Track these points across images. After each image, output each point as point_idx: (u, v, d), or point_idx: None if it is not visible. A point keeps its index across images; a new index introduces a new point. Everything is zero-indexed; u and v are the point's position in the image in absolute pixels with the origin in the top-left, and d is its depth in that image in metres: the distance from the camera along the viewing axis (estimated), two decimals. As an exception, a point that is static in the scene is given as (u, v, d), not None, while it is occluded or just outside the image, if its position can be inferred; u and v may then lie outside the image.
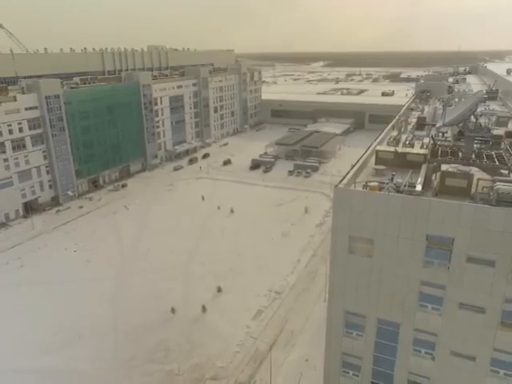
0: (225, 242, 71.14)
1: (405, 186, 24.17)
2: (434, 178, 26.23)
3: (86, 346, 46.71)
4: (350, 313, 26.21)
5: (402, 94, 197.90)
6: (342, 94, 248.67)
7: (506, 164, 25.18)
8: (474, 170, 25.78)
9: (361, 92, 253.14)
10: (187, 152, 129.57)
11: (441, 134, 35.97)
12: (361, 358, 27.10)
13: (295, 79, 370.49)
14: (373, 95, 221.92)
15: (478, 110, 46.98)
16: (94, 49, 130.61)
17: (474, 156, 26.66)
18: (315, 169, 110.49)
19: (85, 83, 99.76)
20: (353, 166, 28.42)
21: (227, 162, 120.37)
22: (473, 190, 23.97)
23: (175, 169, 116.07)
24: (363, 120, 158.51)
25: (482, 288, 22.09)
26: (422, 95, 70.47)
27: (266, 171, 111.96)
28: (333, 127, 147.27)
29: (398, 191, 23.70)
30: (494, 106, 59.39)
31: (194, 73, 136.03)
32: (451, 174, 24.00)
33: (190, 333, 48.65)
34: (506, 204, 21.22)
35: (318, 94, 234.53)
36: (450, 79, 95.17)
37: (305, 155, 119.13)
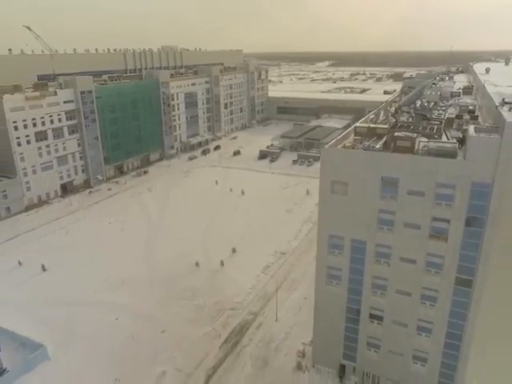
0: (237, 217, 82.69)
1: (369, 146, 35.57)
2: (392, 142, 37.48)
3: (129, 289, 58.58)
4: (332, 236, 37.63)
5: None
6: (346, 92, 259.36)
7: (438, 133, 36.54)
8: (423, 139, 37.03)
9: (364, 91, 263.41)
10: (200, 144, 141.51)
11: (408, 115, 47.15)
12: (341, 270, 38.52)
13: (300, 78, 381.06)
14: (375, 94, 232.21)
15: (451, 101, 58.63)
16: (115, 49, 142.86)
17: (420, 128, 38.00)
18: (317, 159, 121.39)
19: (112, 80, 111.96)
20: (337, 136, 39.87)
21: (237, 153, 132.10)
22: (416, 149, 35.24)
23: (190, 158, 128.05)
24: (363, 116, 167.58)
25: (418, 211, 33.40)
26: (408, 90, 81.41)
27: (272, 161, 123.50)
28: (334, 122, 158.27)
29: (364, 149, 35.12)
30: (467, 99, 70.27)
31: (206, 71, 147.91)
32: (399, 137, 35.21)
33: (211, 280, 60.40)
34: (432, 155, 32.56)
35: (322, 92, 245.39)
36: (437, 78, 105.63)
37: (308, 147, 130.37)
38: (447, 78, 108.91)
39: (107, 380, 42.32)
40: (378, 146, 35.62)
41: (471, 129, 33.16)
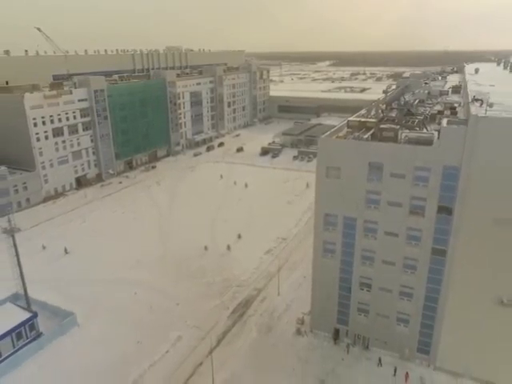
0: (241, 208, 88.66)
1: (359, 137, 41.51)
2: (378, 133, 43.37)
3: (145, 268, 64.59)
4: (327, 214, 43.54)
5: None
6: (346, 91, 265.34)
7: (419, 126, 42.54)
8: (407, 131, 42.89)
9: (363, 90, 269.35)
10: (204, 141, 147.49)
11: (396, 111, 53.05)
12: (334, 244, 44.45)
13: (301, 78, 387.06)
14: (375, 93, 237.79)
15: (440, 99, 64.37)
16: (122, 50, 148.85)
17: (404, 121, 43.94)
18: (316, 155, 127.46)
19: (121, 80, 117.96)
20: (334, 128, 45.82)
21: (240, 150, 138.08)
22: (399, 138, 41.14)
23: (195, 154, 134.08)
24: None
25: (399, 191, 39.28)
26: (401, 89, 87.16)
27: (273, 157, 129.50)
28: (334, 121, 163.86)
29: (354, 139, 41.06)
30: (454, 97, 76.09)
31: (210, 72, 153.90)
32: (385, 129, 41.08)
33: (219, 261, 66.41)
34: (412, 143, 38.48)
35: (323, 91, 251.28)
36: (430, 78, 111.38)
37: (308, 144, 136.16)
38: (440, 77, 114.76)
39: (130, 342, 48.30)
40: (366, 137, 41.50)
41: (444, 121, 39.15)
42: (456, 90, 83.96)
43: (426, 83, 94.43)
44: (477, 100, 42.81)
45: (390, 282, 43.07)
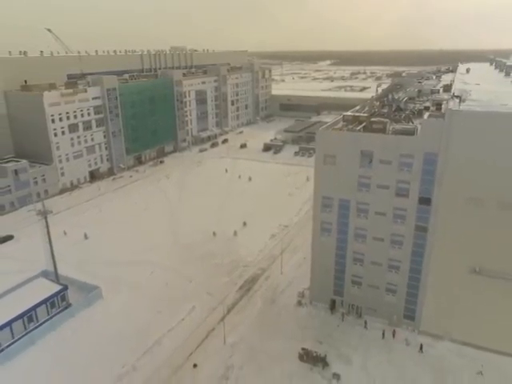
0: (245, 199, 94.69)
1: (352, 128, 47.54)
2: (369, 126, 49.36)
3: (159, 252, 70.69)
4: (325, 197, 49.54)
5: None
6: (346, 90, 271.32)
7: (406, 119, 48.59)
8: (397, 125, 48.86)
9: (363, 89, 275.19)
10: (209, 138, 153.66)
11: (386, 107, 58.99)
12: (331, 224, 50.46)
13: (302, 77, 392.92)
14: (374, 92, 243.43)
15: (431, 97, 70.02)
16: (129, 50, 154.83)
17: (393, 116, 49.95)
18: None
19: (131, 79, 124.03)
20: (330, 122, 51.82)
21: (243, 146, 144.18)
22: (387, 130, 47.12)
23: (201, 150, 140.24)
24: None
25: (387, 176, 45.27)
26: (395, 87, 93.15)
27: (275, 152, 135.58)
28: (333, 118, 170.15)
29: (348, 131, 47.10)
30: (444, 95, 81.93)
31: (215, 71, 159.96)
32: (375, 122, 47.07)
33: (227, 245, 72.53)
34: (398, 134, 44.49)
35: (323, 90, 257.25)
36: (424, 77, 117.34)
37: (308, 140, 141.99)
38: (434, 77, 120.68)
39: (151, 312, 54.44)
40: (358, 129, 47.54)
41: (425, 115, 45.17)
42: (447, 88, 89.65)
43: (419, 82, 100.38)
44: (456, 97, 48.77)
45: (379, 256, 49.10)
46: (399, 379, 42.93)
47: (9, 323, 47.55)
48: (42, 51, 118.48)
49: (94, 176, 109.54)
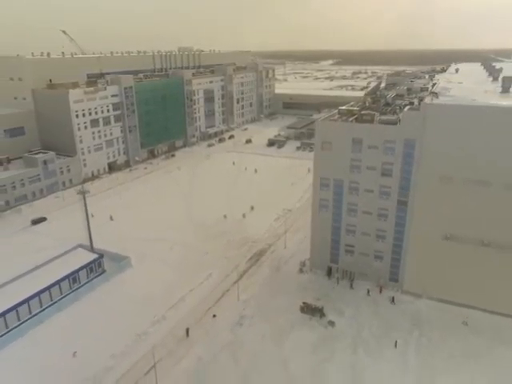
0: (252, 188, 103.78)
1: (346, 119, 56.66)
2: (360, 117, 58.33)
3: (176, 231, 79.94)
4: (322, 178, 58.60)
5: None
6: (347, 90, 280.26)
7: (390, 112, 57.70)
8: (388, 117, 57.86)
9: (363, 88, 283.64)
10: (216, 134, 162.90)
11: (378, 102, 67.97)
12: (328, 201, 59.53)
13: (304, 77, 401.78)
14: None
15: (420, 94, 78.55)
16: (140, 51, 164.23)
17: (381, 109, 59.01)
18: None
19: (146, 78, 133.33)
20: (328, 114, 60.91)
21: (249, 141, 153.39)
22: (375, 121, 56.08)
23: (209, 145, 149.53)
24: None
25: (374, 158, 54.27)
26: (388, 86, 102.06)
27: (279, 147, 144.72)
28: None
29: (342, 121, 56.21)
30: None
31: (221, 71, 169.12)
32: (364, 114, 56.10)
33: (237, 226, 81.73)
34: (383, 123, 53.53)
35: (324, 89, 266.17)
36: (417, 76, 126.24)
37: (310, 136, 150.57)
38: (427, 76, 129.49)
39: (174, 278, 63.68)
40: (351, 120, 56.66)
41: (406, 108, 54.18)
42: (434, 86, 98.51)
43: (411, 81, 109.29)
44: (433, 93, 57.77)
45: (368, 227, 58.14)
46: (382, 326, 51.98)
47: (57, 282, 56.91)
48: (63, 52, 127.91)
49: (112, 167, 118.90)
